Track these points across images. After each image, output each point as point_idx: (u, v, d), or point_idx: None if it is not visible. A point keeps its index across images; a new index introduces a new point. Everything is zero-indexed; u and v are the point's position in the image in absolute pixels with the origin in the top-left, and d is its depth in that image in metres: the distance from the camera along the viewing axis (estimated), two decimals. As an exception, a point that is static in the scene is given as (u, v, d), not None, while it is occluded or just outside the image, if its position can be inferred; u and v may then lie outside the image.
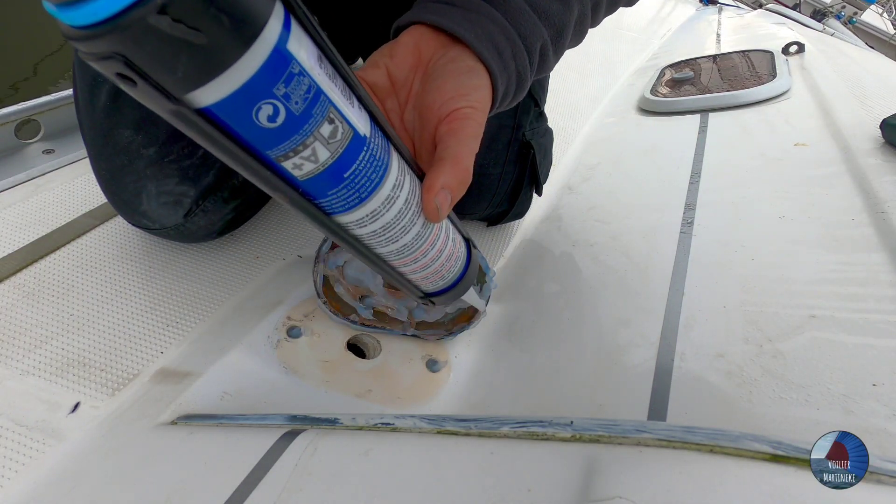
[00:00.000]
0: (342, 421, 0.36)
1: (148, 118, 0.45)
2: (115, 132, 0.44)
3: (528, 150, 0.58)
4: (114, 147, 0.45)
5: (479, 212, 0.60)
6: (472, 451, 0.29)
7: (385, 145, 0.23)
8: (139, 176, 0.45)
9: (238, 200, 0.51)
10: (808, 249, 0.52)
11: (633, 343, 0.46)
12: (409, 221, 0.25)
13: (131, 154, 0.45)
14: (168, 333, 0.45)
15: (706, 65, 1.16)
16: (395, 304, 0.47)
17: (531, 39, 0.33)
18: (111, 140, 0.45)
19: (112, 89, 0.44)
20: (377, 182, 0.22)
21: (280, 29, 0.16)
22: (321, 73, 0.18)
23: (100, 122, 0.45)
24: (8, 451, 0.35)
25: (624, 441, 0.27)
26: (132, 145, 0.45)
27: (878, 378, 0.38)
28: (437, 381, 0.46)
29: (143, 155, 0.45)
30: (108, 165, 0.45)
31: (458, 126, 0.27)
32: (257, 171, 0.19)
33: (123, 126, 0.44)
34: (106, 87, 0.44)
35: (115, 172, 0.45)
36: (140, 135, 0.45)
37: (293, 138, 0.18)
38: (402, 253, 0.26)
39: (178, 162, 0.46)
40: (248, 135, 0.17)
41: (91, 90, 0.45)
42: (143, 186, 0.45)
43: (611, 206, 0.70)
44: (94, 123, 0.45)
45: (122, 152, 0.45)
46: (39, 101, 0.63)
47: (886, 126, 0.67)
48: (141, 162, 0.45)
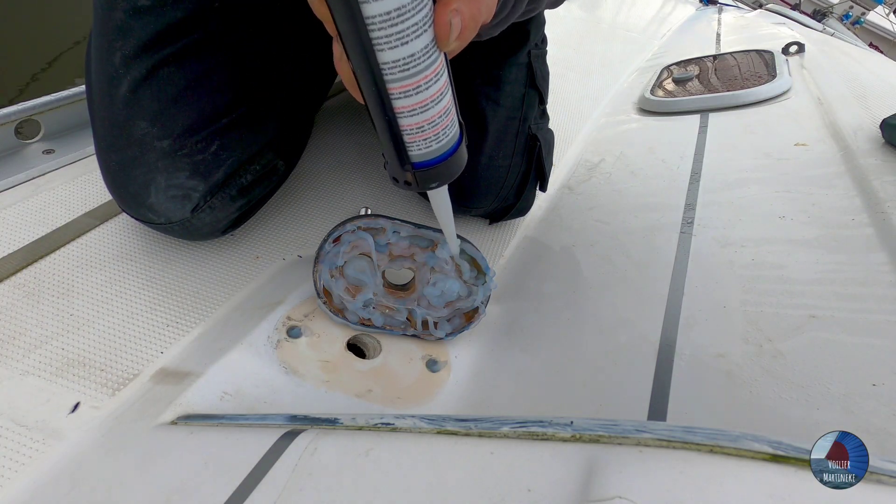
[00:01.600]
0: (342, 421, 0.36)
1: (165, 111, 0.45)
2: (131, 123, 0.45)
3: (535, 142, 0.59)
4: (128, 139, 0.45)
5: (486, 205, 0.61)
6: (472, 451, 0.29)
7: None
8: (149, 168, 0.45)
9: (245, 199, 0.51)
10: (808, 249, 0.52)
11: (633, 343, 0.46)
12: (421, 20, 0.23)
13: (144, 146, 0.45)
14: (168, 333, 0.45)
15: (706, 65, 1.16)
16: (395, 304, 0.47)
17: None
18: (126, 131, 0.45)
19: (133, 81, 0.45)
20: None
21: None
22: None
23: (117, 114, 0.45)
24: (8, 451, 0.35)
25: (624, 441, 0.27)
26: (146, 137, 0.45)
27: (878, 378, 0.38)
28: (437, 381, 0.46)
29: (155, 147, 0.45)
30: (118, 157, 0.46)
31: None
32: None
33: (140, 117, 0.45)
34: (128, 79, 0.44)
35: (124, 164, 0.46)
36: (156, 127, 0.45)
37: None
38: (407, 66, 0.24)
39: (191, 156, 0.46)
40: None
41: (111, 81, 0.45)
42: (152, 179, 0.45)
43: (611, 206, 0.70)
44: (111, 115, 0.45)
45: (136, 144, 0.45)
46: (39, 101, 0.63)
47: (886, 126, 0.67)
48: (153, 154, 0.45)
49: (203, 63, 0.47)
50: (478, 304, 0.47)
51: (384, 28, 0.22)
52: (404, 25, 0.22)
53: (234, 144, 0.49)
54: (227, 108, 0.48)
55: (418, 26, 0.23)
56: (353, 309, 0.46)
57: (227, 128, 0.48)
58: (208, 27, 0.47)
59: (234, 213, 0.51)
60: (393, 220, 0.45)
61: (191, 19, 0.46)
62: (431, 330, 0.47)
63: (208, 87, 0.47)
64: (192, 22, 0.46)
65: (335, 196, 0.65)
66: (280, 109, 0.54)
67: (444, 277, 0.46)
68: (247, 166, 0.50)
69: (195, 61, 0.46)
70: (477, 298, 0.47)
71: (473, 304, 0.47)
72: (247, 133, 0.48)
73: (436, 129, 0.28)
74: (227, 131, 0.48)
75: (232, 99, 0.49)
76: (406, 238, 0.46)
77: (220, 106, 0.48)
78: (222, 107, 0.48)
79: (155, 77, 0.45)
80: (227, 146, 0.48)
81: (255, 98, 0.51)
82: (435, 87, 0.26)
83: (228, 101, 0.48)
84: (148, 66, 0.45)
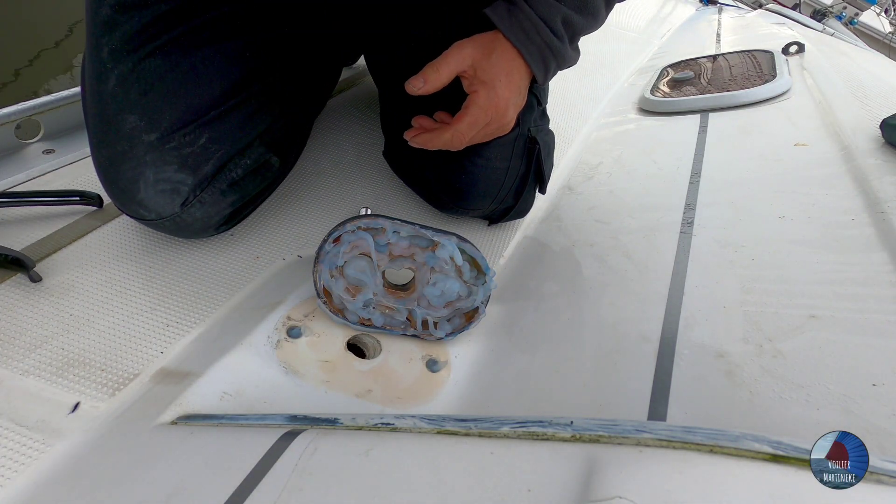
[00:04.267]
0: (342, 421, 0.36)
1: (153, 104, 0.45)
2: (120, 117, 0.45)
3: (534, 145, 0.58)
4: (116, 133, 0.45)
5: (484, 207, 0.60)
6: (472, 451, 0.29)
7: None
8: (138, 162, 0.45)
9: (236, 195, 0.51)
10: (808, 249, 0.52)
11: (633, 343, 0.46)
12: None
13: (133, 140, 0.45)
14: (168, 333, 0.45)
15: (706, 65, 1.16)
16: (395, 304, 0.47)
17: (550, 16, 0.46)
18: (114, 126, 0.45)
19: (121, 74, 0.45)
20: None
21: None
22: None
23: (105, 108, 0.45)
24: (8, 451, 0.35)
25: (624, 441, 0.27)
26: (135, 131, 0.45)
27: (878, 378, 0.38)
28: (437, 381, 0.46)
29: (143, 141, 0.45)
30: (108, 153, 0.46)
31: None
32: None
33: (128, 111, 0.45)
34: (115, 73, 0.45)
35: (114, 159, 0.46)
36: (144, 121, 0.45)
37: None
38: None
39: (179, 149, 0.46)
40: None
41: (99, 77, 0.45)
42: (140, 173, 0.45)
43: (611, 205, 0.70)
44: (100, 110, 0.45)
45: (124, 138, 0.45)
46: (39, 101, 0.63)
47: (886, 126, 0.67)
48: (141, 148, 0.45)
49: (190, 56, 0.47)
50: (478, 304, 0.47)
51: None
52: None
53: (223, 137, 0.48)
54: (215, 100, 0.48)
55: None
56: (353, 309, 0.46)
57: (216, 120, 0.48)
58: (192, 21, 0.47)
59: (226, 208, 0.51)
60: (393, 221, 0.45)
61: (176, 12, 0.46)
62: (431, 330, 0.47)
63: (196, 80, 0.47)
64: (178, 15, 0.46)
65: (335, 196, 0.65)
66: (273, 103, 0.54)
67: (444, 277, 0.46)
68: (237, 160, 0.50)
69: (181, 55, 0.46)
70: (477, 298, 0.47)
71: (473, 304, 0.47)
72: (236, 125, 0.48)
73: None
74: (215, 123, 0.48)
75: (221, 92, 0.48)
76: (406, 238, 0.46)
77: (208, 99, 0.48)
78: (211, 99, 0.48)
79: (142, 70, 0.45)
80: (215, 139, 0.48)
81: (246, 91, 0.51)
82: None
83: (217, 94, 0.48)
84: (134, 60, 0.45)
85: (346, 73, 0.90)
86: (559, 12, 0.46)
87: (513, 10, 0.47)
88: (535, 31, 0.47)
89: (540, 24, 0.46)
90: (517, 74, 0.48)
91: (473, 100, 0.48)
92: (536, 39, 0.47)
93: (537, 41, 0.47)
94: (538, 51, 0.48)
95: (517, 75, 0.48)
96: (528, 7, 0.46)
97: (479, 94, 0.47)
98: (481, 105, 0.47)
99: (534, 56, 0.48)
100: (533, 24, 0.46)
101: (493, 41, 0.47)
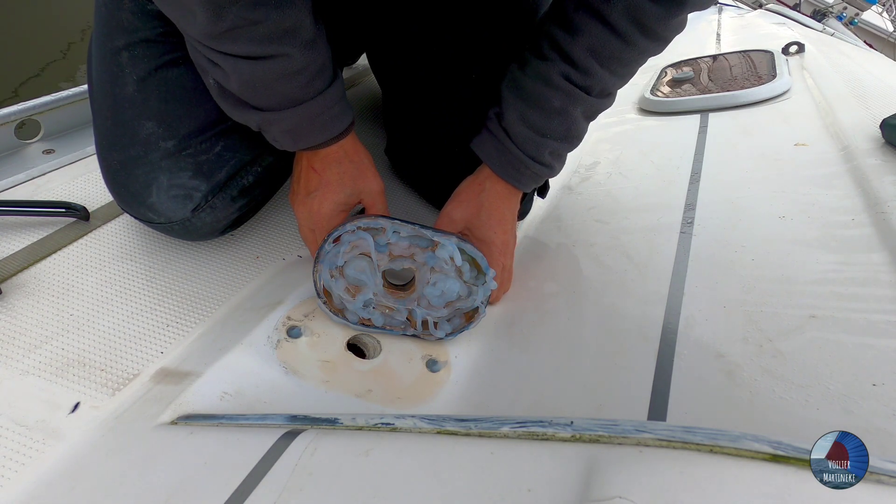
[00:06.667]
0: (342, 421, 0.36)
1: (173, 112, 0.45)
2: (137, 123, 0.45)
3: None
4: (132, 138, 0.45)
5: None
6: (472, 451, 0.29)
7: None
8: (152, 167, 0.45)
9: (245, 199, 0.51)
10: (808, 249, 0.52)
11: (633, 343, 0.46)
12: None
13: (149, 146, 0.45)
14: (168, 333, 0.45)
15: (706, 65, 1.16)
16: (395, 304, 0.47)
17: (538, 153, 0.49)
18: (130, 131, 0.45)
19: (139, 81, 0.45)
20: None
21: None
22: None
23: (121, 112, 0.45)
24: (8, 451, 0.35)
25: (624, 441, 0.27)
26: (152, 137, 0.45)
27: (878, 378, 0.38)
28: (437, 381, 0.46)
29: (160, 147, 0.45)
30: (120, 156, 0.46)
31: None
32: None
33: (147, 117, 0.45)
34: (133, 78, 0.45)
35: (126, 163, 0.46)
36: (162, 127, 0.45)
37: None
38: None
39: (195, 157, 0.46)
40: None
41: (115, 80, 0.45)
42: (154, 178, 0.46)
43: (611, 205, 0.70)
44: (115, 114, 0.45)
45: (140, 143, 0.45)
46: (39, 101, 0.63)
47: (886, 126, 0.67)
48: (156, 154, 0.45)
49: None
50: (478, 303, 0.47)
51: None
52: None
53: (238, 145, 0.49)
54: None
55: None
56: (353, 309, 0.46)
57: (232, 129, 0.48)
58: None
59: (234, 213, 0.51)
60: (393, 221, 0.45)
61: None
62: (431, 330, 0.47)
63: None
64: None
65: (335, 196, 0.65)
66: None
67: (444, 277, 0.46)
68: (249, 167, 0.50)
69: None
70: (477, 298, 0.47)
71: (473, 304, 0.47)
72: (251, 135, 0.48)
73: None
74: (231, 132, 0.48)
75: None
76: (406, 238, 0.46)
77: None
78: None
79: (162, 78, 0.45)
80: (230, 147, 0.48)
81: None
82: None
83: None
84: (154, 67, 0.45)
85: (347, 73, 0.90)
86: (546, 147, 0.49)
87: (501, 149, 0.50)
88: (525, 166, 0.50)
89: (529, 161, 0.49)
90: (509, 213, 0.53)
91: (483, 252, 0.49)
92: (527, 173, 0.50)
93: (527, 174, 0.51)
94: (529, 179, 0.51)
95: (509, 213, 0.53)
96: (516, 148, 0.49)
97: (483, 250, 0.50)
98: (490, 255, 0.51)
99: (526, 185, 0.52)
100: (521, 163, 0.50)
101: (483, 184, 0.51)
